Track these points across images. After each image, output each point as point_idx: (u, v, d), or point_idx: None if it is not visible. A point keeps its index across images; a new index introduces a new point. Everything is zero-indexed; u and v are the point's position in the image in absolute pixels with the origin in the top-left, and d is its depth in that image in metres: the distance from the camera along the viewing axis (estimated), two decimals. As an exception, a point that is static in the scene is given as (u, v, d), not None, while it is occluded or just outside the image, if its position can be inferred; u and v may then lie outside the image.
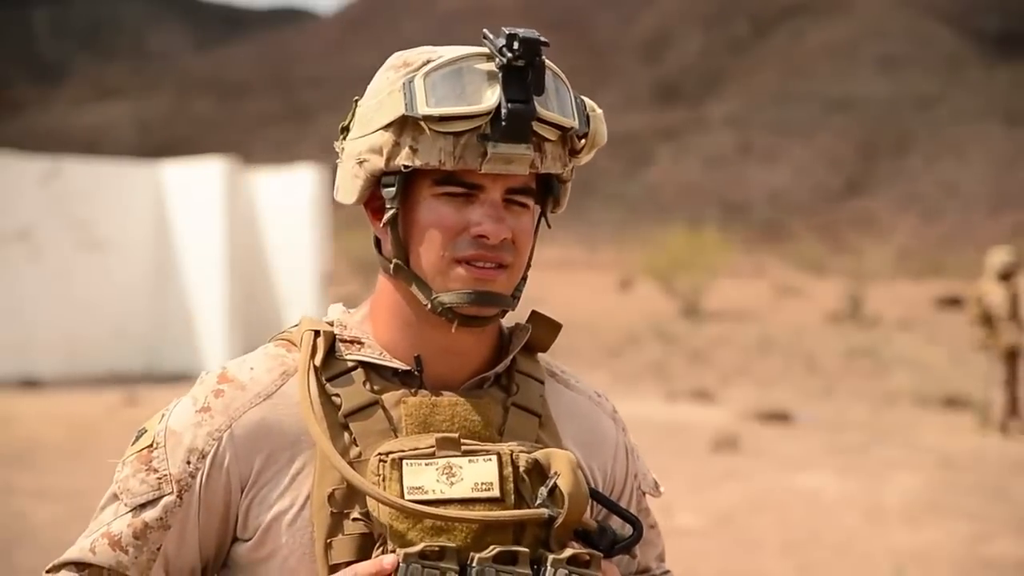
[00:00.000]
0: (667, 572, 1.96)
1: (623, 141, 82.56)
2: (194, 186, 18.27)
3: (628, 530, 1.77)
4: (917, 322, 28.09)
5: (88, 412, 13.80)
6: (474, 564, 1.59)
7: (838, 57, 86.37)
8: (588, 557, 1.63)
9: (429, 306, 1.69)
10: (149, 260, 18.56)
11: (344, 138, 1.75)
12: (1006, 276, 13.76)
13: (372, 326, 1.77)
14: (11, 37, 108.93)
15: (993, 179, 69.09)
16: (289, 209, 18.45)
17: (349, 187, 1.73)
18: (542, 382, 1.80)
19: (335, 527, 1.65)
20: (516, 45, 1.63)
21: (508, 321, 1.83)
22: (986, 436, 13.48)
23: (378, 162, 1.68)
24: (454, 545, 1.59)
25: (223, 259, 17.90)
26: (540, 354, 1.85)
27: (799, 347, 23.15)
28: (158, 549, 1.70)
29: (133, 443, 1.76)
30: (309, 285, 18.27)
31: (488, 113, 1.63)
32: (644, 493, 1.92)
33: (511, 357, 1.78)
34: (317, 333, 1.74)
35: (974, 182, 69.50)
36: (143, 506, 1.70)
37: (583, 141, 1.72)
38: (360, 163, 1.70)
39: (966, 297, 21.40)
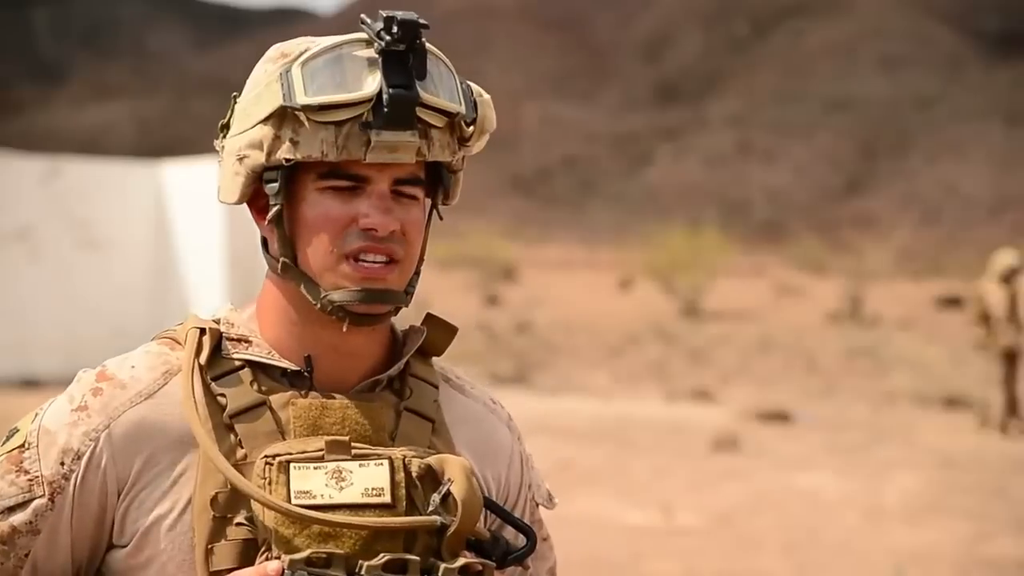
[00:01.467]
0: None
1: (623, 141, 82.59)
2: (194, 186, 18.25)
3: (522, 541, 1.70)
4: (917, 322, 28.10)
5: (88, 412, 13.81)
6: (363, 572, 1.52)
7: (838, 57, 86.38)
8: (480, 567, 1.57)
9: (319, 305, 1.61)
10: (149, 260, 18.55)
11: (224, 136, 1.68)
12: (1008, 278, 13.77)
13: (259, 325, 1.69)
14: (11, 37, 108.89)
15: (993, 179, 69.09)
16: (289, 209, 18.41)
17: (230, 186, 1.65)
18: (436, 387, 1.73)
19: (217, 532, 1.57)
20: (395, 28, 1.57)
21: (403, 324, 1.77)
22: (986, 436, 13.48)
23: (259, 157, 1.61)
24: (342, 552, 1.53)
25: (223, 259, 17.89)
26: (435, 359, 1.76)
27: (799, 347, 23.14)
28: (26, 555, 1.61)
29: (3, 443, 1.66)
30: (309, 285, 18.25)
31: (369, 100, 1.57)
32: (538, 504, 1.85)
33: (404, 360, 1.70)
34: (203, 331, 1.66)
35: (974, 182, 69.51)
36: (11, 509, 1.61)
37: (471, 128, 1.65)
38: (240, 160, 1.63)
39: (967, 297, 21.39)
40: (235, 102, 1.67)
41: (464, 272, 35.80)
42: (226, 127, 1.68)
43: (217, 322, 1.70)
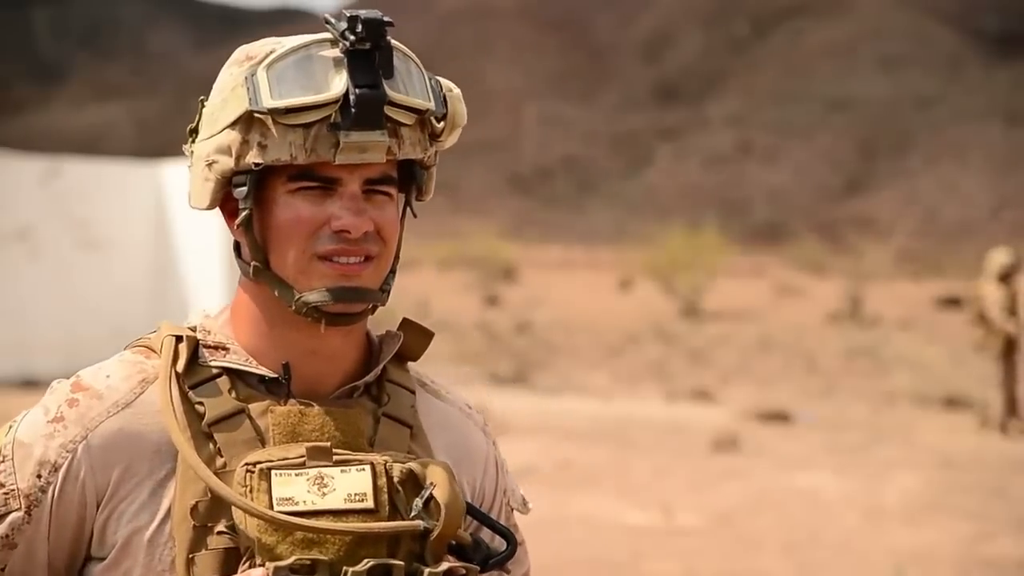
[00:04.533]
0: None
1: (623, 141, 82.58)
2: (194, 186, 18.25)
3: (499, 544, 1.70)
4: (917, 322, 28.09)
5: (88, 412, 13.78)
6: None
7: (838, 57, 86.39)
8: (464, 571, 1.58)
9: (294, 308, 1.60)
10: (149, 260, 18.56)
11: (192, 141, 1.67)
12: (1005, 277, 13.77)
13: (234, 332, 1.68)
14: (11, 37, 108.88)
15: (993, 179, 69.09)
16: (289, 209, 18.41)
17: (200, 191, 1.66)
18: (413, 392, 1.72)
19: (198, 542, 1.56)
20: (359, 27, 1.56)
21: (379, 329, 1.76)
22: (986, 436, 13.48)
23: (228, 162, 1.60)
24: (326, 558, 1.52)
25: (223, 259, 17.89)
26: (410, 363, 1.76)
27: (799, 347, 23.14)
28: (2, 569, 1.61)
29: None
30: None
31: (336, 101, 1.56)
32: (512, 510, 1.84)
33: (381, 366, 1.69)
34: (179, 338, 1.66)
35: (974, 182, 69.51)
36: None
37: (442, 124, 1.64)
38: (209, 165, 1.62)
39: (967, 297, 21.38)
40: (203, 106, 1.67)
41: (464, 272, 35.80)
42: (195, 131, 1.67)
43: (193, 329, 1.69)
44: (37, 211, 17.77)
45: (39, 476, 1.60)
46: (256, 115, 1.58)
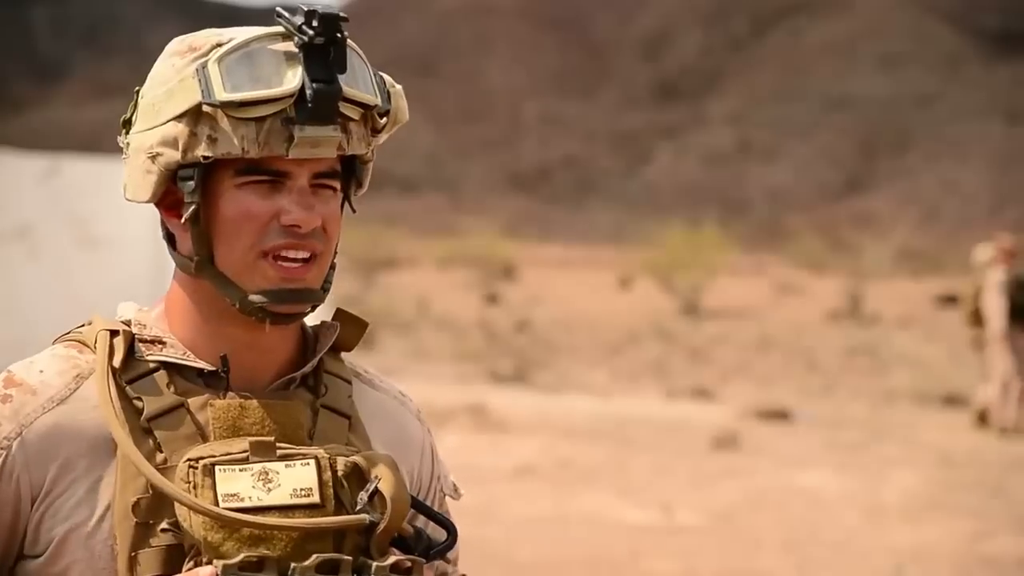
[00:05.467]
0: None
1: (623, 139, 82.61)
2: (194, 184, 18.28)
3: (438, 534, 1.69)
4: (917, 320, 28.11)
5: (88, 410, 13.76)
6: (295, 574, 1.51)
7: (838, 55, 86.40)
8: (410, 564, 1.57)
9: (238, 306, 1.59)
10: (149, 258, 18.53)
11: (127, 132, 1.66)
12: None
13: (169, 326, 1.65)
14: (10, 35, 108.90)
15: (993, 177, 69.12)
16: (289, 207, 18.43)
17: (141, 183, 1.63)
18: (349, 382, 1.71)
19: (141, 539, 1.54)
20: (315, 22, 1.55)
21: (314, 319, 1.75)
22: (985, 434, 13.47)
23: (174, 155, 1.58)
24: (274, 555, 1.51)
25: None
26: (344, 354, 1.74)
27: (799, 345, 23.15)
28: None
29: None
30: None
31: (292, 95, 1.55)
32: (445, 496, 1.83)
33: (318, 357, 1.68)
34: (115, 332, 1.62)
35: (974, 180, 69.54)
36: None
37: (384, 119, 1.64)
38: (152, 157, 1.60)
39: (962, 295, 21.37)
40: (139, 97, 1.65)
41: (464, 271, 35.82)
42: (129, 123, 1.66)
43: (127, 323, 1.66)
44: (36, 209, 17.75)
45: None
46: (207, 108, 1.56)
